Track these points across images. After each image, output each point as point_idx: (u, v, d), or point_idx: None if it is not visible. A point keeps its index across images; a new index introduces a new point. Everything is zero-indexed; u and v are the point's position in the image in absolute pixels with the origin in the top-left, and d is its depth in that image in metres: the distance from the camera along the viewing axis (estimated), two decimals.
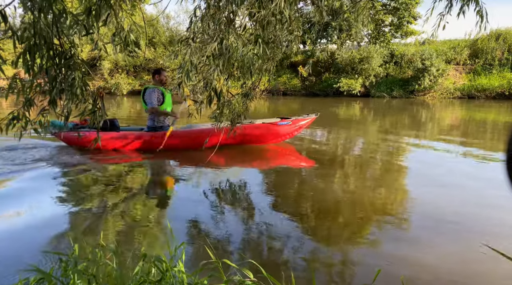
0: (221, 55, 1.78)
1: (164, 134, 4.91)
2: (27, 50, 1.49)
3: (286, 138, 5.54)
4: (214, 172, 4.31)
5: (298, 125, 5.41)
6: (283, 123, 5.30)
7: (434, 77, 15.35)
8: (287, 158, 5.27)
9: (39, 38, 1.48)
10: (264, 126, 5.31)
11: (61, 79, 1.62)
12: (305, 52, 19.39)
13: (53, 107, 1.61)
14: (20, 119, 1.57)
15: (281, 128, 5.32)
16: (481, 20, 2.30)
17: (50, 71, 1.59)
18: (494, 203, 3.21)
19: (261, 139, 5.41)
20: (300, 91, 18.42)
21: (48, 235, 2.56)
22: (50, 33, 1.52)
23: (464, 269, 2.17)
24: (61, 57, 1.61)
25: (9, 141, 5.25)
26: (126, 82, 18.66)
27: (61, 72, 1.62)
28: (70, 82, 1.61)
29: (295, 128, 5.42)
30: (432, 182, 3.96)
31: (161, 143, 4.86)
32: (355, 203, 3.31)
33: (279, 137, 5.47)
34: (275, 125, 5.29)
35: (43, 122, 1.64)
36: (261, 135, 5.36)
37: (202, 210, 3.08)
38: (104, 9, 1.60)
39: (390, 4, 17.40)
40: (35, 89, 1.58)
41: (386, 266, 2.12)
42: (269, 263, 2.18)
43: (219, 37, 1.73)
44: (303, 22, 3.11)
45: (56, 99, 1.61)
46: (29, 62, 1.50)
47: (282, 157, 5.26)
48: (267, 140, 5.46)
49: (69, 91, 1.62)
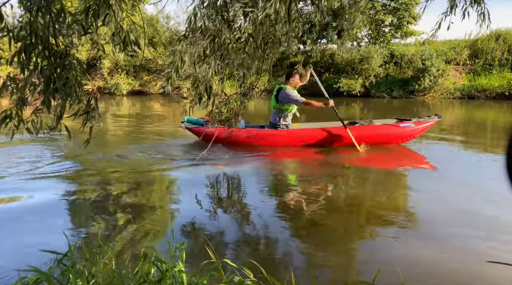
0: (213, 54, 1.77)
1: (287, 132, 5.31)
2: (23, 49, 1.48)
3: (408, 139, 5.52)
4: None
5: (421, 127, 5.40)
6: (405, 124, 5.34)
7: (434, 77, 15.33)
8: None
9: (35, 37, 1.47)
10: (387, 127, 5.37)
11: (56, 78, 1.60)
12: (306, 52, 19.38)
13: (46, 106, 1.59)
14: (13, 118, 1.56)
15: (404, 129, 5.35)
16: (483, 20, 2.29)
17: (45, 71, 1.58)
18: (495, 203, 3.21)
19: (384, 141, 5.44)
20: (300, 91, 18.39)
21: (41, 233, 2.55)
22: (47, 33, 1.50)
23: (464, 269, 2.17)
24: (56, 57, 1.59)
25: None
26: (126, 82, 18.61)
27: (56, 72, 1.61)
28: (63, 81, 1.59)
29: (418, 129, 5.41)
30: (432, 182, 3.95)
31: (283, 141, 5.29)
32: (355, 204, 3.31)
33: (402, 139, 5.46)
34: (398, 126, 5.33)
35: (36, 121, 1.62)
36: (384, 136, 5.40)
37: (203, 210, 3.07)
38: (103, 9, 1.59)
39: (390, 5, 17.37)
40: (29, 88, 1.57)
41: (386, 266, 2.12)
42: (269, 263, 2.17)
43: (212, 35, 1.72)
44: (303, 22, 3.10)
45: (49, 98, 1.59)
46: (24, 61, 1.48)
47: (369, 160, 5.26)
48: (390, 142, 5.48)
49: (63, 91, 1.60)
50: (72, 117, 1.69)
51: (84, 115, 1.72)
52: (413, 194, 3.64)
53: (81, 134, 1.85)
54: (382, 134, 5.39)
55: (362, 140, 5.29)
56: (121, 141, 6.58)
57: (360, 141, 5.26)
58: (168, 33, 19.85)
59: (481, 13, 2.26)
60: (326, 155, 5.15)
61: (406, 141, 5.56)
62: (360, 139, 5.26)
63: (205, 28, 1.79)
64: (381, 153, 5.20)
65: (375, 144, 5.41)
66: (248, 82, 2.36)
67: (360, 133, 5.30)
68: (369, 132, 5.36)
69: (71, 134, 1.61)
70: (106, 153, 5.14)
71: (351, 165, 4.80)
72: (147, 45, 18.26)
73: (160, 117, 10.31)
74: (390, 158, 5.14)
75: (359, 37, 18.46)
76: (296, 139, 5.43)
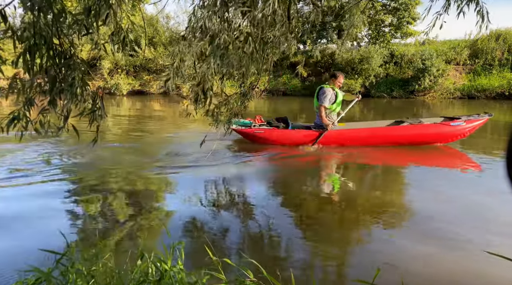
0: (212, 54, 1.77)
1: (322, 132, 5.30)
2: (27, 50, 1.48)
3: (459, 138, 5.46)
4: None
5: (472, 126, 5.35)
6: (456, 123, 5.31)
7: (434, 77, 15.34)
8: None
9: (39, 38, 1.48)
10: (437, 126, 5.34)
11: (61, 79, 1.61)
12: (306, 52, 19.37)
13: (53, 107, 1.61)
14: (20, 119, 1.57)
15: (455, 128, 5.32)
16: (482, 20, 2.28)
17: (50, 71, 1.58)
18: (495, 203, 3.20)
19: (432, 140, 5.42)
20: (300, 91, 18.39)
21: (41, 233, 2.55)
22: (50, 33, 1.51)
23: (463, 269, 2.17)
24: (61, 57, 1.60)
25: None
26: (126, 82, 18.61)
27: (61, 72, 1.62)
28: (69, 82, 1.60)
29: (468, 128, 5.36)
30: (432, 182, 3.95)
31: (321, 141, 5.31)
32: (355, 205, 3.31)
33: (451, 138, 5.43)
34: (449, 125, 5.31)
35: (43, 121, 1.64)
36: (433, 136, 5.38)
37: (204, 210, 3.07)
38: (104, 9, 1.60)
39: (390, 5, 17.37)
40: (35, 89, 1.58)
41: (386, 266, 2.11)
42: (269, 263, 2.17)
43: (209, 36, 1.72)
44: (303, 22, 3.10)
45: (56, 99, 1.61)
46: (29, 62, 1.49)
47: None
48: (438, 141, 5.45)
49: (68, 91, 1.61)
50: (79, 117, 1.70)
51: (91, 114, 1.73)
52: (413, 194, 3.63)
53: (85, 134, 1.85)
54: (431, 133, 5.34)
55: (408, 140, 5.29)
56: (121, 141, 6.57)
57: (406, 141, 5.27)
58: (168, 33, 19.85)
59: (479, 11, 2.26)
60: (331, 156, 5.15)
61: (454, 140, 5.49)
62: (406, 139, 5.27)
63: (205, 28, 1.79)
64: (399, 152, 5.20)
65: (422, 144, 5.36)
66: (248, 82, 2.36)
67: (407, 133, 5.26)
68: (418, 131, 5.30)
69: (79, 134, 1.62)
70: (106, 153, 5.13)
71: (366, 164, 4.80)
72: (148, 45, 18.25)
73: (160, 117, 10.32)
74: (401, 155, 5.14)
75: (359, 37, 18.45)
76: (347, 139, 5.39)
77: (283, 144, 5.48)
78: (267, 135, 5.50)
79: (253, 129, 5.56)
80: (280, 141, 5.48)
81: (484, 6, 2.28)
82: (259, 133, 5.49)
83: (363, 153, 5.14)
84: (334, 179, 4.19)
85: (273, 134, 5.50)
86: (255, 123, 5.68)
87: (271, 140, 5.49)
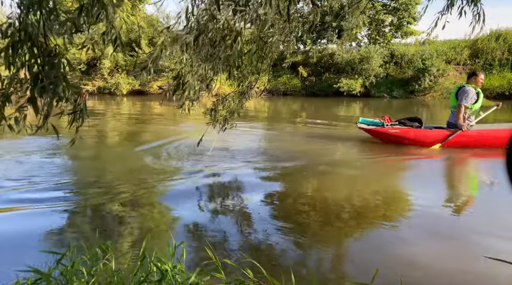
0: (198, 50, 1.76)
1: (451, 133, 5.17)
2: (10, 46, 1.45)
3: None
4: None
5: None
6: None
7: (435, 77, 15.34)
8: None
9: (24, 35, 1.45)
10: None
11: (43, 76, 1.56)
12: (306, 52, 19.36)
13: (32, 105, 1.55)
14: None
15: None
16: (478, 18, 2.28)
17: (32, 68, 1.54)
18: (495, 203, 3.20)
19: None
20: (300, 91, 18.40)
21: (41, 233, 2.55)
22: (36, 31, 1.48)
23: (463, 269, 2.16)
24: (45, 55, 1.56)
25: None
26: (126, 82, 18.61)
27: (44, 70, 1.57)
28: (52, 80, 1.56)
29: None
30: (432, 182, 3.95)
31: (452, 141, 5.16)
32: (355, 205, 3.31)
33: None
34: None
35: (19, 118, 1.58)
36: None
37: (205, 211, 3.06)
38: (97, 8, 1.57)
39: (390, 5, 17.37)
40: (15, 85, 1.53)
41: (385, 266, 2.12)
42: (269, 263, 2.17)
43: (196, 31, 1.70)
44: (302, 22, 3.10)
45: (35, 97, 1.56)
46: (11, 57, 1.46)
47: None
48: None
49: (50, 90, 1.56)
50: (59, 116, 1.64)
51: (71, 115, 1.68)
52: (413, 195, 3.63)
53: (84, 134, 1.83)
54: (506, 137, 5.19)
55: (492, 142, 5.05)
56: (121, 140, 6.57)
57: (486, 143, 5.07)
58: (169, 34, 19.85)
59: (477, 13, 2.26)
60: (320, 150, 5.14)
61: None
62: (489, 142, 5.05)
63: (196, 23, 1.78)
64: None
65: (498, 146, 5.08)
66: (247, 81, 2.35)
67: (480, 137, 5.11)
68: (497, 134, 5.09)
69: (58, 133, 1.57)
70: (106, 153, 5.13)
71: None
72: (148, 45, 18.24)
73: (161, 117, 10.31)
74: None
75: (359, 37, 18.45)
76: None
77: (420, 143, 5.38)
78: (403, 134, 5.43)
79: (387, 128, 5.52)
80: (418, 140, 5.39)
81: (481, 7, 2.28)
82: (394, 132, 5.44)
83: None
84: (337, 180, 4.18)
85: (410, 133, 5.43)
86: (386, 123, 5.63)
87: (408, 139, 5.41)
